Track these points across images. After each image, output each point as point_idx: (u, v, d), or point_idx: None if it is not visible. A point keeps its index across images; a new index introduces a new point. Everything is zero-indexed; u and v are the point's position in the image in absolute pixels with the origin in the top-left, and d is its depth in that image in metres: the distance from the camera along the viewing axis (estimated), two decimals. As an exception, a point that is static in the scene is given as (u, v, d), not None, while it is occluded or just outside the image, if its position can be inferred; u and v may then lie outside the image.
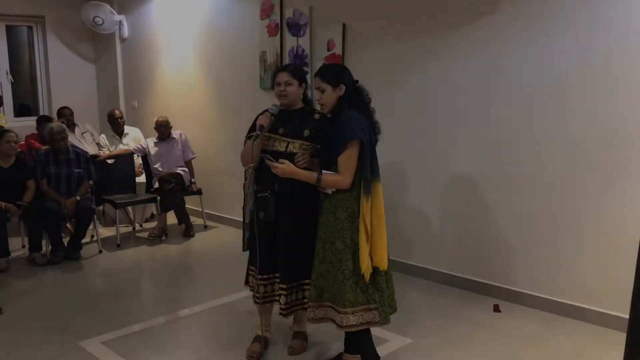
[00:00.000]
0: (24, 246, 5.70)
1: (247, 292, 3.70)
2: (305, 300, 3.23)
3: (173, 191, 5.99)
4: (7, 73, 7.68)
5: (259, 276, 3.24)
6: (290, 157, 3.08)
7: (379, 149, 3.04)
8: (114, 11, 7.53)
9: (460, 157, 4.47)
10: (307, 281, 3.18)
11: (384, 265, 2.92)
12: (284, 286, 3.22)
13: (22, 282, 4.90)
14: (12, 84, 7.77)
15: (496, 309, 4.16)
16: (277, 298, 3.27)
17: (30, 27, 7.94)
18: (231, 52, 6.25)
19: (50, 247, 5.40)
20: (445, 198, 4.61)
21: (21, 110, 7.97)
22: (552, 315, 4.05)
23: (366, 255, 2.85)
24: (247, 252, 3.38)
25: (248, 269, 3.40)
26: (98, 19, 7.44)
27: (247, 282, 3.45)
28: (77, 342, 3.70)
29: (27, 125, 7.01)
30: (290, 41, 5.56)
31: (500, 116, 4.21)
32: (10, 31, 7.82)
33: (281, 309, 3.25)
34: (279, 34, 5.64)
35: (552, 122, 3.95)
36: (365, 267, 2.85)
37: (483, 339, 3.72)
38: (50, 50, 7.89)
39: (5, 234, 5.18)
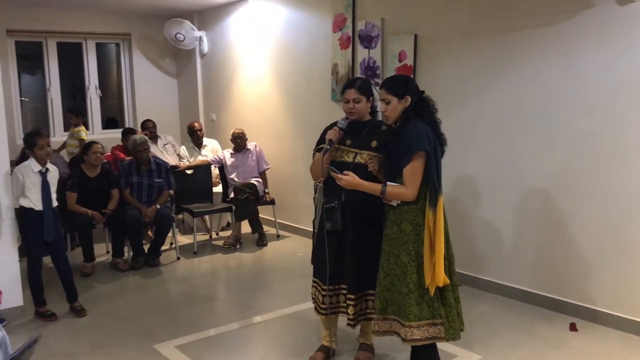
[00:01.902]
0: (108, 252, 6.02)
1: (314, 302, 3.75)
2: (369, 311, 3.23)
3: (247, 201, 6.15)
4: (96, 88, 8.17)
5: (324, 287, 3.27)
6: (357, 168, 3.10)
7: (449, 160, 3.01)
8: (194, 28, 7.85)
9: (535, 169, 4.33)
10: (371, 292, 3.19)
11: (440, 281, 2.85)
12: (352, 297, 3.23)
13: (105, 286, 5.18)
14: (101, 98, 8.26)
15: (573, 327, 3.98)
16: (343, 309, 3.28)
17: (117, 44, 8.42)
18: (304, 65, 6.36)
19: (131, 254, 5.68)
20: (519, 211, 4.47)
21: (108, 123, 8.44)
22: (634, 336, 3.83)
23: (431, 268, 2.82)
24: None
25: (312, 280, 3.43)
26: (180, 35, 7.78)
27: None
28: (153, 345, 3.87)
29: (113, 137, 7.42)
30: (361, 53, 5.60)
31: (577, 126, 4.05)
32: (100, 48, 8.32)
33: (349, 319, 3.26)
34: (350, 46, 5.69)
35: (633, 132, 3.76)
36: (430, 281, 2.82)
37: (557, 359, 3.58)
38: (136, 65, 8.33)
39: (91, 241, 5.50)
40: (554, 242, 4.26)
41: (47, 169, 4.28)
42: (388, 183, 2.91)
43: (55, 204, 4.37)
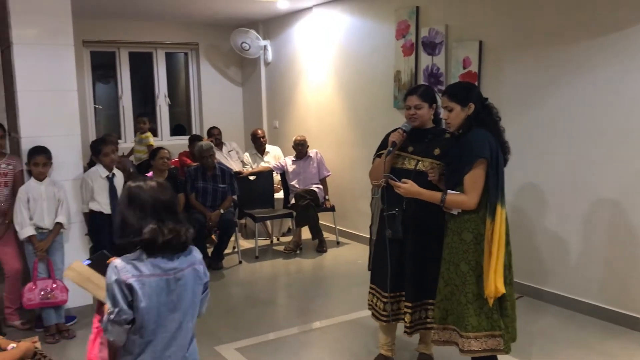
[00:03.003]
0: (173, 254, 6.19)
1: (373, 309, 3.73)
2: (429, 320, 3.19)
3: (308, 207, 6.20)
4: (165, 96, 8.46)
5: (385, 294, 3.25)
6: (419, 175, 3.08)
7: (514, 169, 2.95)
8: (259, 37, 8.01)
9: (606, 179, 4.16)
10: (430, 301, 3.15)
11: (499, 291, 2.78)
12: (410, 304, 3.21)
13: (170, 287, 5.33)
14: (169, 106, 8.54)
15: (645, 345, 3.80)
16: (402, 316, 3.26)
17: (186, 54, 8.69)
18: (366, 72, 6.37)
19: (196, 256, 5.81)
20: (588, 222, 4.30)
21: (176, 130, 8.71)
22: None
23: (492, 279, 2.75)
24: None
25: (370, 287, 3.42)
26: (245, 44, 7.95)
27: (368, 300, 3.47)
28: (214, 346, 3.95)
29: (181, 143, 7.65)
30: (425, 60, 5.55)
31: (652, 135, 3.87)
32: (169, 58, 8.61)
33: (406, 327, 3.23)
34: (413, 53, 5.66)
35: None
36: (489, 291, 2.75)
37: (627, 378, 3.42)
38: (203, 74, 8.57)
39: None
40: (624, 254, 4.08)
41: (113, 174, 4.46)
42: (449, 191, 2.87)
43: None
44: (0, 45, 4.77)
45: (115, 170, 4.54)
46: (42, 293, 4.02)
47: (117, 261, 2.00)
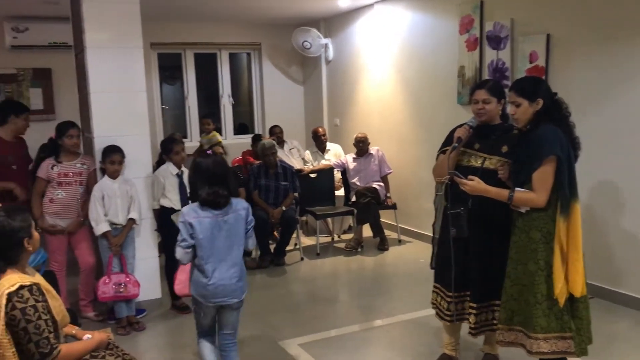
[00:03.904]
0: (237, 250, 6.32)
1: (436, 308, 3.69)
2: (495, 322, 3.12)
3: (369, 205, 6.18)
4: (229, 96, 8.63)
5: (449, 293, 3.21)
6: (486, 173, 3.01)
7: (585, 166, 2.84)
8: (320, 35, 8.04)
9: (684, 176, 3.95)
10: (497, 302, 3.07)
11: (578, 291, 2.70)
12: (474, 305, 3.15)
13: (235, 282, 5.44)
14: (233, 106, 8.71)
15: None
16: (467, 317, 3.21)
17: (248, 54, 8.84)
18: (429, 68, 6.29)
19: (259, 253, 5.92)
20: (665, 222, 4.10)
21: (240, 128, 8.88)
22: None
23: (561, 278, 2.67)
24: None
25: (433, 285, 3.38)
26: (306, 43, 8.01)
27: (431, 300, 3.43)
28: (277, 341, 4.01)
29: (244, 142, 7.79)
30: (489, 55, 5.43)
31: None
32: (232, 58, 8.77)
33: (470, 328, 3.18)
34: (478, 48, 5.54)
35: None
36: (559, 292, 2.67)
37: None
38: (265, 73, 8.69)
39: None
40: None
41: (182, 172, 4.60)
42: (516, 189, 2.80)
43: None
44: (75, 49, 5.00)
45: (184, 168, 4.68)
46: (116, 286, 4.19)
47: (184, 208, 3.09)
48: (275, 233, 6.44)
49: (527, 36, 4.99)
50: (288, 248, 6.06)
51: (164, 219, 4.51)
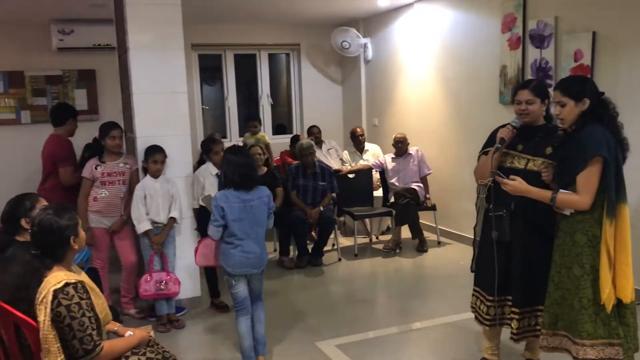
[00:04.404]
0: (275, 250, 6.35)
1: (476, 312, 3.63)
2: (538, 327, 3.05)
3: (408, 206, 6.13)
4: (268, 96, 8.68)
5: (489, 297, 3.15)
6: (529, 175, 2.95)
7: (631, 169, 2.74)
8: (359, 35, 8.01)
9: None
10: (540, 307, 3.00)
11: (627, 297, 2.62)
12: (517, 310, 3.08)
13: (272, 282, 5.46)
14: (272, 106, 8.75)
15: None
16: (508, 322, 3.14)
17: (287, 54, 8.87)
18: (470, 67, 6.20)
19: (296, 253, 5.94)
20: None
21: (278, 129, 8.92)
22: None
23: (608, 283, 2.59)
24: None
25: (473, 289, 3.33)
26: (345, 43, 7.99)
27: (471, 303, 3.38)
28: (315, 342, 4.01)
29: (282, 142, 7.82)
30: (532, 54, 5.32)
31: None
32: (271, 59, 8.82)
33: (512, 333, 3.11)
34: (520, 46, 5.43)
35: None
36: (607, 297, 2.59)
37: None
38: (304, 74, 8.71)
39: (262, 238, 5.85)
40: None
41: None
42: (560, 190, 2.73)
43: None
44: (118, 50, 5.10)
45: None
46: (157, 284, 4.26)
47: (217, 194, 3.55)
48: (312, 233, 6.45)
49: (572, 34, 4.87)
50: (325, 248, 6.05)
51: (203, 218, 4.56)
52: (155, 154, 4.35)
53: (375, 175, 6.89)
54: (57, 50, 7.09)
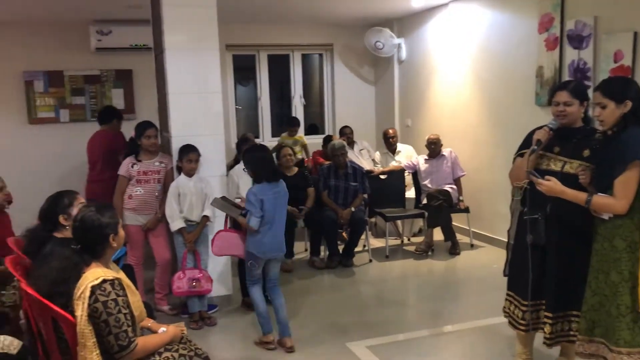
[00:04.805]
0: (305, 250, 6.37)
1: (510, 317, 3.57)
2: (572, 333, 2.99)
3: (440, 208, 6.07)
4: (300, 97, 8.71)
5: (524, 302, 3.10)
6: (566, 178, 2.89)
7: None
8: (393, 35, 7.97)
9: None
10: (575, 313, 2.95)
11: None
12: (550, 315, 3.03)
13: (303, 282, 5.49)
14: (304, 106, 8.78)
15: None
16: (541, 326, 3.09)
17: (320, 55, 8.89)
18: (506, 68, 6.11)
19: (327, 253, 5.94)
20: None
21: (310, 129, 8.94)
22: None
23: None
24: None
25: (506, 293, 3.28)
26: (379, 43, 7.96)
27: (504, 308, 3.33)
28: (345, 342, 4.01)
29: (314, 142, 7.84)
30: (570, 54, 5.22)
31: None
32: (304, 59, 8.85)
33: (545, 338, 3.06)
34: (558, 47, 5.34)
35: None
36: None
37: None
38: (337, 74, 8.71)
39: (293, 238, 5.87)
40: None
41: None
42: (598, 193, 2.67)
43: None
44: (154, 51, 5.18)
45: None
46: (190, 282, 4.31)
47: (255, 188, 3.85)
48: (343, 234, 6.44)
49: (612, 34, 4.76)
50: (356, 249, 6.04)
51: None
52: (189, 153, 4.40)
53: (408, 177, 6.84)
54: (96, 50, 7.25)
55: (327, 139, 7.03)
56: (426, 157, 6.56)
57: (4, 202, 4.09)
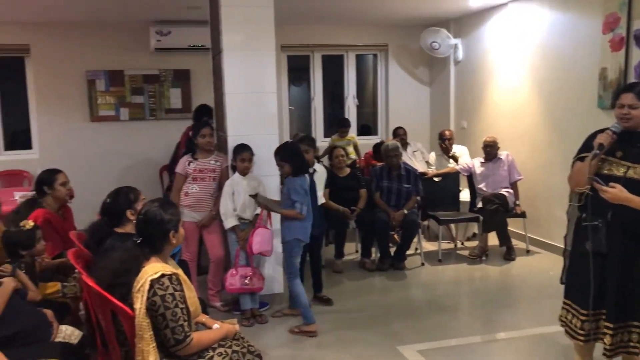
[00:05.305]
0: (356, 251, 6.35)
1: (568, 326, 3.46)
2: (632, 344, 2.87)
3: (496, 212, 5.94)
4: (354, 97, 8.70)
5: (583, 312, 3.00)
6: (629, 183, 2.78)
7: None
8: (449, 35, 7.86)
9: None
10: (636, 323, 2.84)
11: None
12: (610, 325, 2.92)
13: (353, 283, 5.47)
14: (357, 107, 8.76)
15: None
16: (601, 337, 2.98)
17: (375, 55, 8.84)
18: (566, 69, 5.93)
19: (378, 255, 5.90)
20: None
21: (363, 130, 8.90)
22: None
23: None
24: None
25: (563, 302, 3.17)
26: (435, 43, 7.86)
27: (560, 316, 3.22)
28: (396, 345, 3.97)
29: (367, 143, 7.82)
30: (637, 55, 5.01)
31: None
32: (358, 59, 8.82)
33: (605, 349, 2.95)
34: (623, 48, 5.13)
35: None
36: None
37: None
38: (391, 75, 8.65)
39: (344, 239, 5.86)
40: None
41: (314, 170, 4.69)
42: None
43: (321, 201, 4.77)
44: (212, 51, 5.28)
45: (317, 166, 4.79)
46: (242, 279, 4.36)
47: (298, 180, 4.14)
48: (395, 236, 6.39)
49: (683, 35, 4.55)
50: (408, 252, 5.98)
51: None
52: (243, 152, 4.46)
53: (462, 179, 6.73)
54: (155, 50, 7.44)
55: (378, 146, 6.99)
56: (482, 160, 6.43)
57: (67, 197, 4.24)
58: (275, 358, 3.88)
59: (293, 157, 4.21)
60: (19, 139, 7.76)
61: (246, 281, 4.37)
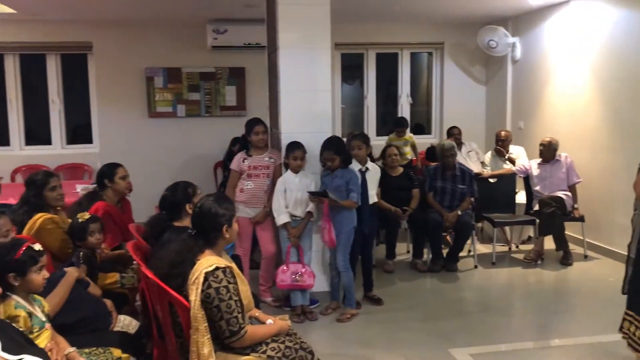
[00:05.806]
0: (408, 252, 6.29)
1: (629, 336, 3.33)
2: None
3: (553, 215, 5.78)
4: (407, 96, 8.62)
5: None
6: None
7: None
8: (507, 34, 7.68)
9: None
10: None
11: None
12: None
13: (404, 283, 5.43)
14: (411, 105, 8.67)
15: None
16: (667, 349, 2.86)
17: (430, 53, 8.74)
18: (632, 69, 5.69)
19: (430, 256, 5.84)
20: None
21: (416, 129, 8.80)
22: None
23: None
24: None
25: (625, 313, 3.05)
26: (492, 42, 7.70)
27: (621, 327, 3.10)
28: (448, 348, 3.91)
29: (420, 142, 7.72)
30: None
31: None
32: (412, 57, 8.73)
33: (671, 363, 2.83)
34: (694, 47, 4.91)
35: None
36: None
37: None
38: (446, 73, 8.52)
39: (396, 239, 5.82)
40: None
41: (367, 168, 4.68)
42: None
43: (373, 200, 4.75)
44: (268, 49, 5.33)
45: (370, 164, 4.77)
46: (293, 276, 4.40)
47: (356, 172, 4.45)
48: (447, 237, 6.30)
49: None
50: (461, 254, 5.88)
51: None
52: (295, 150, 4.48)
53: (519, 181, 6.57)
54: (212, 48, 7.57)
55: (432, 149, 6.89)
56: (539, 162, 6.26)
57: (126, 190, 4.37)
58: (325, 356, 3.85)
59: (344, 149, 4.41)
60: (81, 134, 8.06)
61: (297, 278, 4.40)
